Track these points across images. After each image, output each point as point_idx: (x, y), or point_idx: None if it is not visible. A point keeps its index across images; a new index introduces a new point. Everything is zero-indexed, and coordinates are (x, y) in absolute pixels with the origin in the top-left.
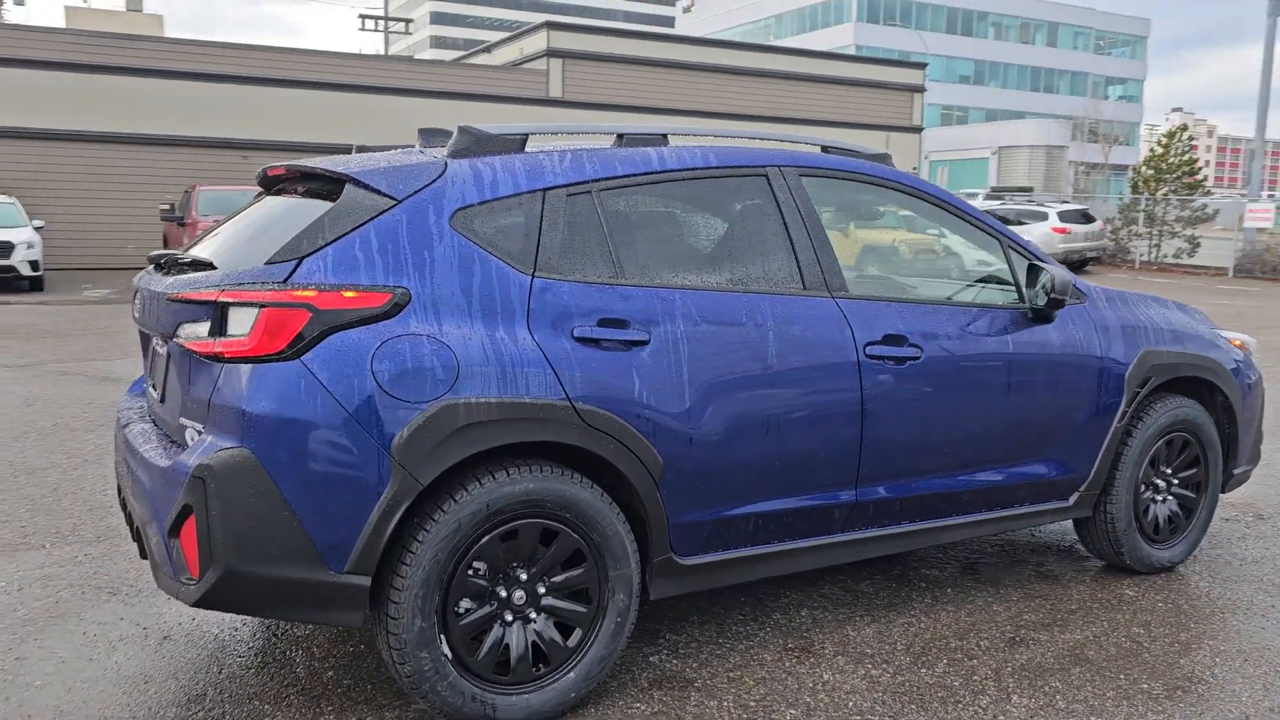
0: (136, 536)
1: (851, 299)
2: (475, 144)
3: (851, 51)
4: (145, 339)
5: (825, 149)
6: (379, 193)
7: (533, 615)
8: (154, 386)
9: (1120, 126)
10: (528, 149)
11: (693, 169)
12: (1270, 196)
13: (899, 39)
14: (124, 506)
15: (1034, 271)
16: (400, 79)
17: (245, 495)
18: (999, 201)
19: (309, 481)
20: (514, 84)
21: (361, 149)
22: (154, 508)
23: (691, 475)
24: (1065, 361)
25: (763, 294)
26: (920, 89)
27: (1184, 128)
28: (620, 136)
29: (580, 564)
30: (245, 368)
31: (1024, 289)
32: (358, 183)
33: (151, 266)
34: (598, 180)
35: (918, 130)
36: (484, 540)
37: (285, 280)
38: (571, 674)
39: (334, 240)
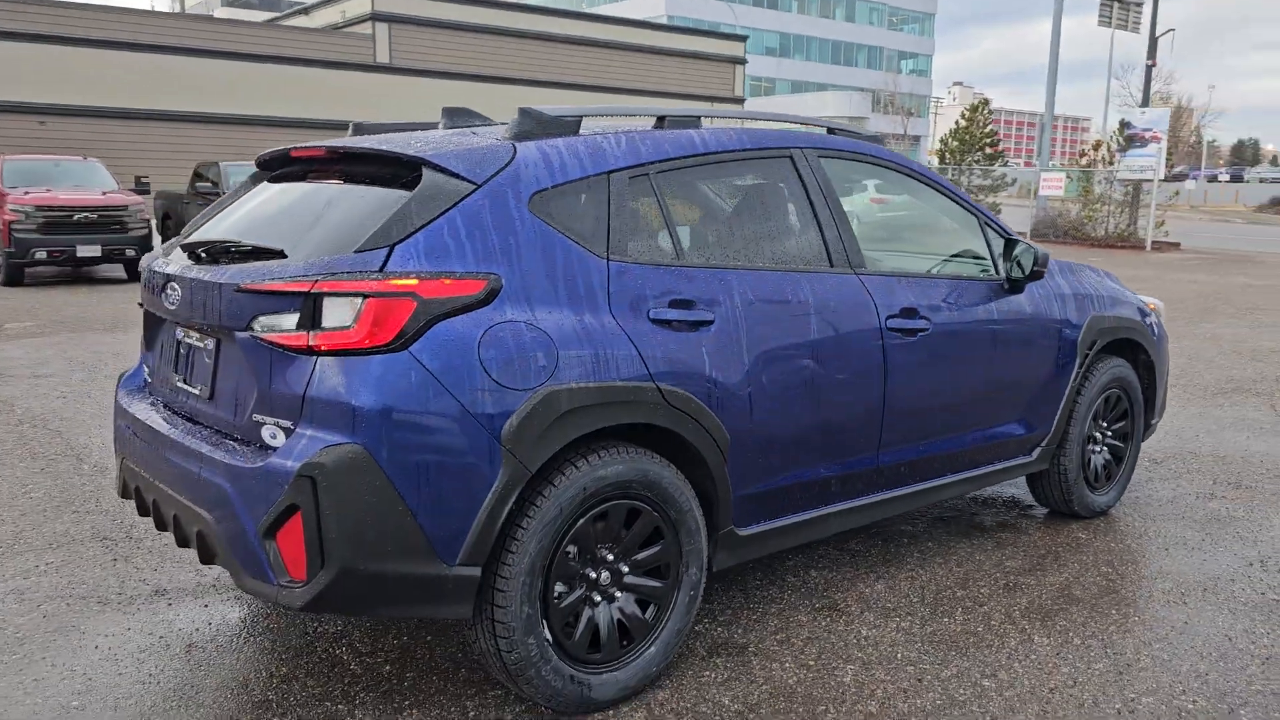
0: (176, 532)
1: (870, 275)
2: (537, 126)
3: (664, 21)
4: (154, 328)
5: (830, 131)
6: (459, 177)
7: (617, 594)
8: (184, 381)
9: (913, 100)
10: (581, 131)
11: (730, 150)
12: (1053, 166)
13: (710, 10)
14: (143, 505)
15: (1010, 246)
16: (203, 39)
17: (359, 492)
18: None
19: (423, 474)
20: (336, 49)
21: (358, 128)
22: (230, 510)
23: (751, 448)
24: (1034, 328)
25: (802, 272)
26: (741, 61)
27: (986, 102)
28: (661, 119)
29: (658, 541)
30: (352, 360)
31: (999, 262)
32: (436, 167)
33: (183, 253)
34: (654, 162)
35: (740, 101)
36: (579, 524)
37: (381, 269)
38: (652, 648)
39: (423, 226)
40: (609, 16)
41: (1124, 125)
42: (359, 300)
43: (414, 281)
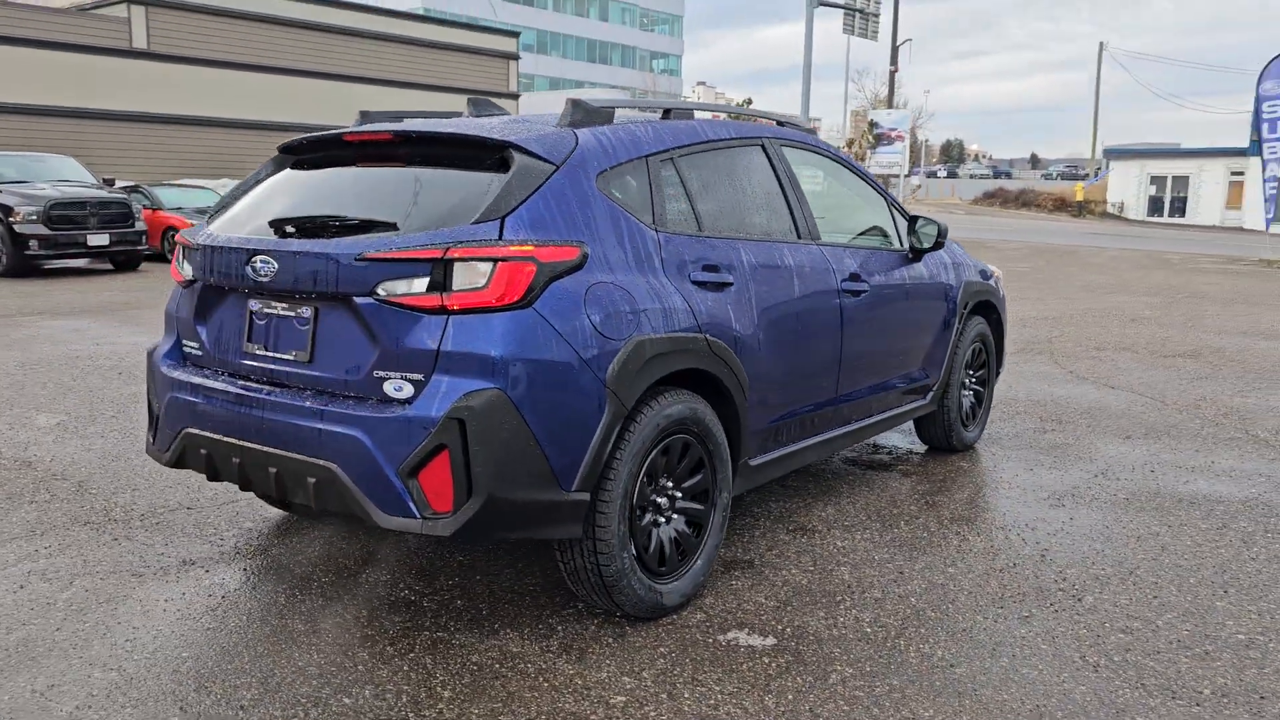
0: (275, 487)
1: (825, 245)
2: (585, 116)
3: (420, 13)
4: (209, 303)
5: (780, 123)
6: (541, 158)
7: (673, 516)
8: (266, 349)
9: (668, 99)
10: (616, 120)
11: (724, 139)
12: None
13: (468, 5)
14: (216, 468)
15: (913, 221)
16: None
17: (500, 430)
18: None
19: (548, 412)
20: (88, 32)
21: (365, 115)
22: (364, 456)
23: (760, 390)
24: (931, 290)
25: (783, 242)
26: (515, 56)
27: (749, 100)
28: (667, 112)
29: (701, 470)
30: (485, 317)
31: (903, 235)
32: (523, 149)
33: (270, 229)
34: (675, 147)
35: (515, 97)
36: (652, 455)
37: (499, 238)
38: (699, 561)
39: (524, 201)
40: (384, 9)
41: (873, 125)
42: (490, 264)
43: (532, 247)
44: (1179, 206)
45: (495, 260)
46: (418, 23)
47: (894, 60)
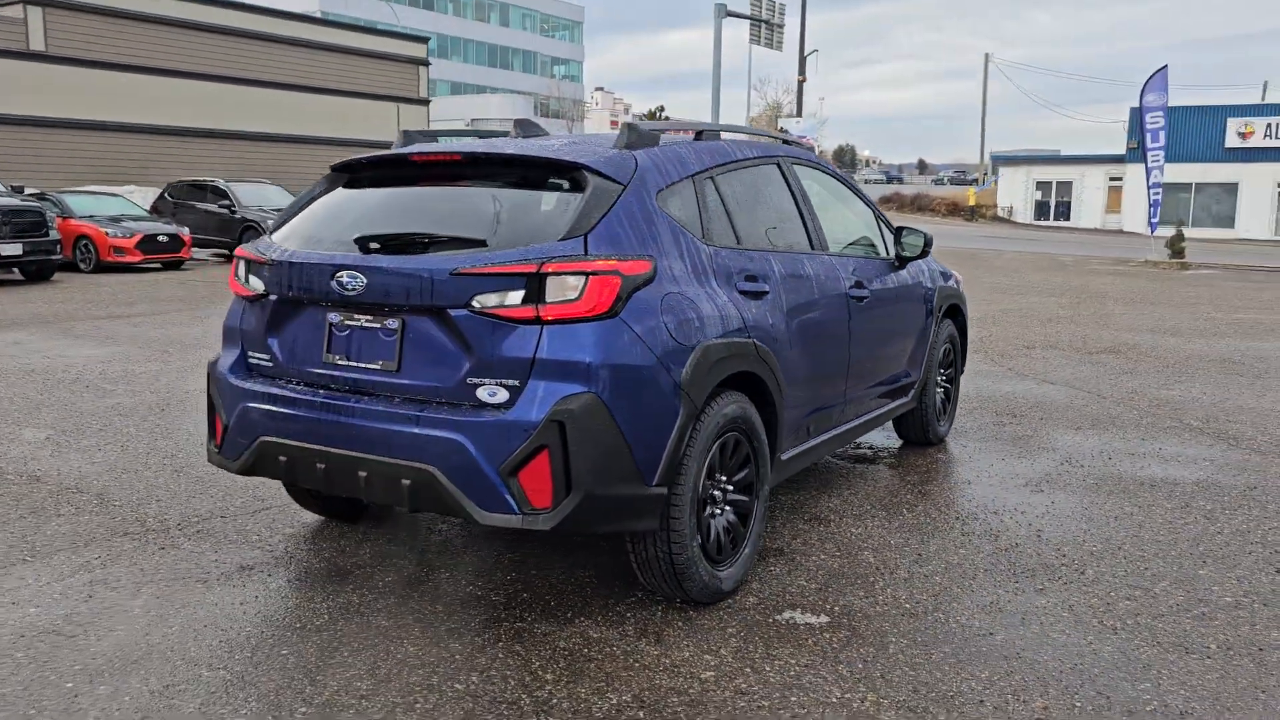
0: (365, 491)
1: (833, 256)
2: (637, 138)
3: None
4: (283, 316)
5: (785, 142)
6: (610, 179)
7: (725, 508)
8: (348, 359)
9: (572, 104)
10: (661, 142)
11: (750, 158)
12: None
13: (366, 9)
14: (297, 475)
15: (900, 232)
16: None
17: (595, 431)
18: None
19: (634, 413)
20: None
21: (408, 135)
22: (465, 458)
23: (792, 390)
24: (915, 294)
25: (802, 253)
26: (425, 62)
27: (661, 108)
28: (699, 134)
29: (746, 466)
30: (578, 326)
31: (890, 246)
32: (594, 170)
33: (354, 246)
34: (713, 167)
35: (425, 103)
36: (712, 451)
37: (585, 253)
38: (747, 549)
39: (601, 219)
40: (291, 12)
41: (784, 131)
42: (582, 278)
43: (615, 262)
44: (1063, 210)
45: (586, 274)
46: (326, 27)
47: (802, 70)
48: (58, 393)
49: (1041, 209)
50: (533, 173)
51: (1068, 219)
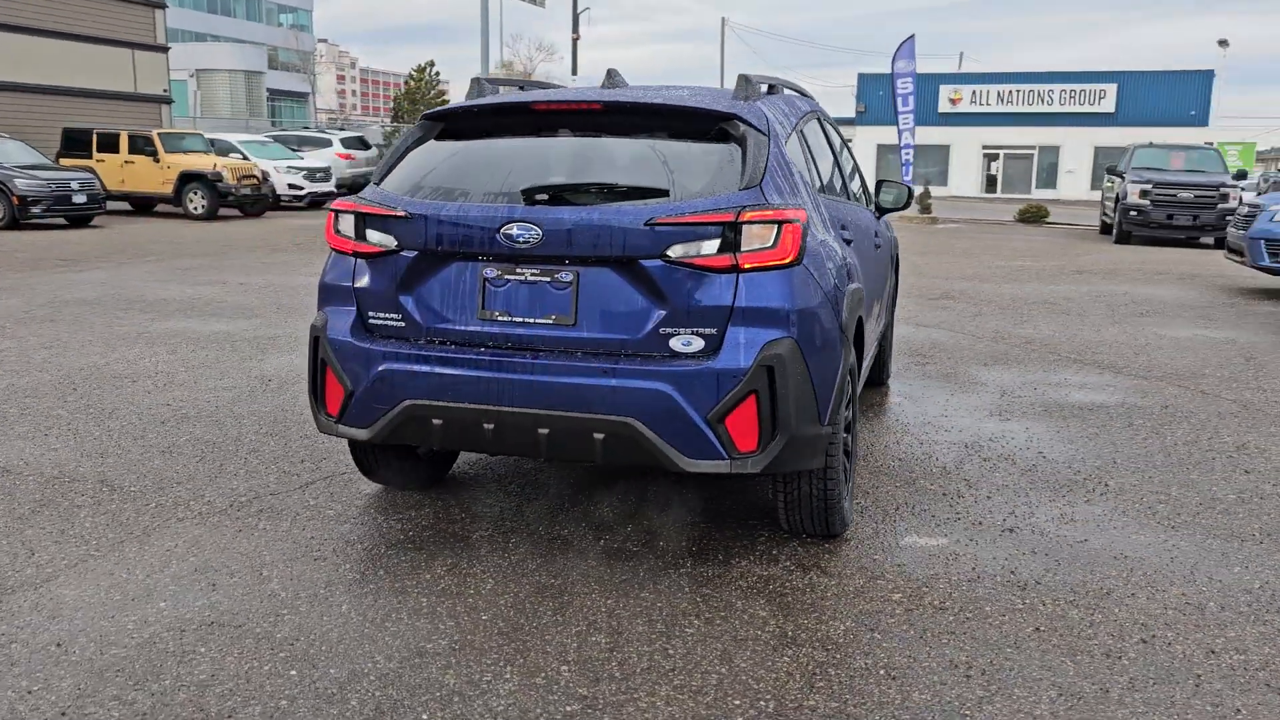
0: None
1: (861, 206)
2: (752, 89)
3: None
4: (428, 270)
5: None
6: (759, 130)
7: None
8: (512, 315)
9: (303, 56)
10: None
11: (809, 111)
12: None
13: None
14: (457, 437)
15: (881, 185)
16: None
17: (796, 375)
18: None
19: (817, 356)
20: None
21: (477, 82)
22: (669, 408)
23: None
24: (892, 244)
25: (855, 203)
26: (161, 5)
27: (431, 63)
28: (771, 88)
29: (850, 404)
30: (773, 274)
31: (874, 197)
32: (746, 121)
33: (520, 197)
34: (799, 120)
35: (164, 49)
36: (846, 392)
37: (767, 202)
38: (851, 482)
39: (766, 168)
40: None
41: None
42: (775, 226)
43: (793, 210)
44: None
45: (780, 223)
46: None
47: (575, 28)
48: (18, 381)
49: None
50: (682, 123)
51: None
